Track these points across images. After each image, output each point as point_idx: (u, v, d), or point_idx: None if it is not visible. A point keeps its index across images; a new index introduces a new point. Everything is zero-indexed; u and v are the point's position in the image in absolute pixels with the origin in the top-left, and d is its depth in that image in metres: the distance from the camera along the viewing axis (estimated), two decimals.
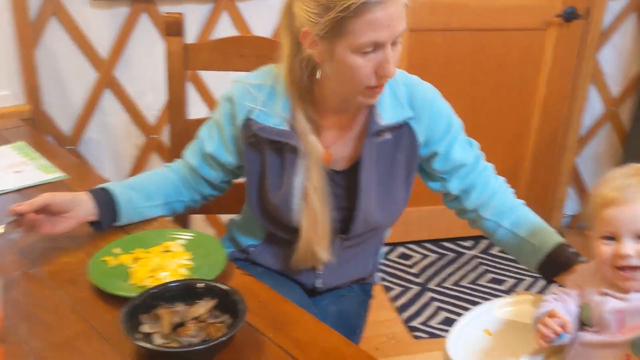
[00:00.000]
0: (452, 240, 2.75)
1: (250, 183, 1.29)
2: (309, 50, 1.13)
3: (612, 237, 1.00)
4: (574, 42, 2.52)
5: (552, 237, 1.24)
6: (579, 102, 2.61)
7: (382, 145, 1.24)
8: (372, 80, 1.12)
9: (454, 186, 1.31)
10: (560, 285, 1.14)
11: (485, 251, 2.69)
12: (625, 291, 1.00)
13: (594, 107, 2.66)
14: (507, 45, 2.47)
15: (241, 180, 1.38)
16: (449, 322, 2.22)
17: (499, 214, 1.30)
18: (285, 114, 1.21)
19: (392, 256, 2.62)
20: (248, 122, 1.23)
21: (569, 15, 2.43)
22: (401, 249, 2.68)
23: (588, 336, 1.03)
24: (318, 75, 1.18)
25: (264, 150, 1.24)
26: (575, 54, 2.54)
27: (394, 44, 1.10)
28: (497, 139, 2.60)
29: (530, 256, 1.25)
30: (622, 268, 0.98)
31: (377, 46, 1.08)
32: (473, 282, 2.47)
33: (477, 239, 2.75)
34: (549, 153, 2.70)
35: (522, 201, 1.33)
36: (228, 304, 1.01)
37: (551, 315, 1.00)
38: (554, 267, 1.20)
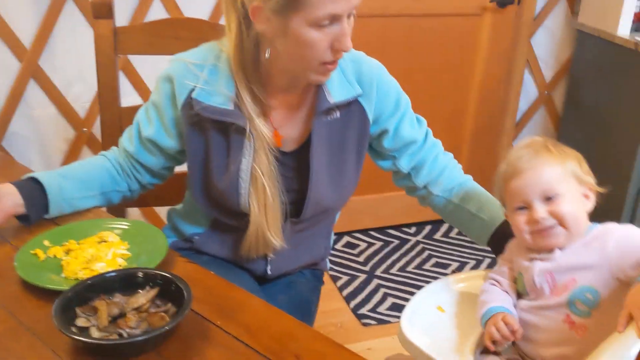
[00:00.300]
0: (396, 227, 2.75)
1: (194, 167, 1.22)
2: (259, 27, 1.08)
3: (524, 207, 1.04)
4: (508, 27, 2.56)
5: (500, 211, 1.24)
6: (515, 86, 2.66)
7: (331, 124, 1.20)
8: (327, 55, 1.08)
9: (404, 164, 1.29)
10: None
11: (428, 236, 2.70)
12: (549, 250, 1.03)
13: (528, 91, 2.71)
14: (443, 31, 2.48)
15: (181, 169, 1.31)
16: (396, 307, 2.21)
17: (448, 190, 1.29)
18: (230, 93, 1.15)
19: (338, 245, 2.60)
20: (190, 102, 1.16)
21: (503, 1, 2.47)
22: (347, 238, 2.66)
23: (526, 303, 1.05)
24: (268, 53, 1.12)
25: (208, 132, 1.18)
26: (510, 39, 2.58)
27: (349, 16, 1.06)
28: (435, 124, 2.55)
29: (480, 231, 1.25)
30: (539, 231, 1.02)
31: (334, 19, 1.04)
32: (418, 267, 2.47)
33: (420, 224, 2.77)
34: (487, 137, 2.74)
35: (469, 176, 1.32)
36: (171, 292, 0.95)
37: (504, 321, 1.02)
38: (503, 241, 1.20)
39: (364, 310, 2.21)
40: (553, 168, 1.02)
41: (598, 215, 1.06)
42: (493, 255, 1.24)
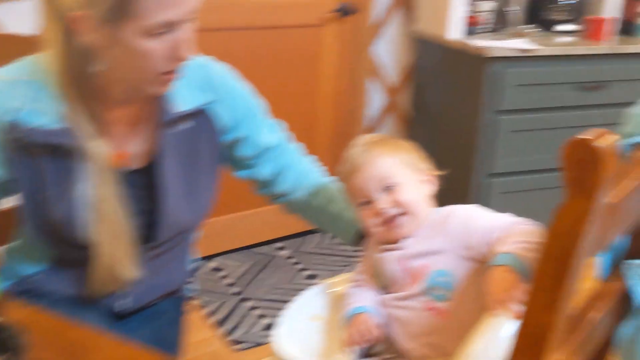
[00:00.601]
0: (264, 244, 2.69)
1: (26, 198, 1.07)
2: (86, 37, 0.96)
3: (367, 201, 1.05)
4: (350, 37, 2.62)
5: None
6: (361, 96, 2.72)
7: (181, 136, 1.12)
8: (165, 65, 0.99)
9: (264, 171, 1.24)
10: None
11: (298, 250, 2.67)
12: (397, 241, 1.04)
13: (376, 99, 2.79)
14: (287, 43, 2.48)
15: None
16: (272, 327, 2.13)
17: (313, 193, 1.26)
18: (58, 111, 1.02)
19: (204, 271, 2.48)
20: (12, 125, 1.02)
21: (343, 11, 2.53)
22: (212, 263, 2.55)
23: (390, 297, 1.05)
24: (99, 65, 1.00)
25: (38, 157, 1.03)
26: (353, 49, 2.64)
27: (188, 21, 0.98)
28: None
29: (347, 230, 1.23)
30: (385, 222, 1.03)
31: (170, 26, 0.95)
32: (291, 283, 2.43)
33: (288, 238, 2.73)
34: (341, 148, 2.74)
35: (333, 178, 1.30)
36: (2, 342, 0.81)
37: (360, 321, 1.02)
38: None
39: (237, 336, 2.12)
40: (387, 159, 1.04)
41: (448, 203, 1.08)
42: None
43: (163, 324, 1.25)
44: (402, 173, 1.04)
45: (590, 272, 0.89)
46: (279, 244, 2.70)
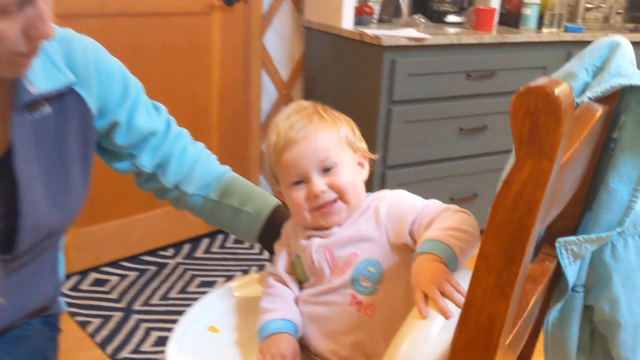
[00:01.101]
0: (151, 252, 2.47)
1: None
2: None
3: (300, 181, 0.92)
4: (239, 26, 2.47)
5: (267, 201, 1.10)
6: (255, 87, 2.58)
7: (41, 123, 0.93)
8: (20, 45, 0.81)
9: (145, 162, 1.07)
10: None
11: (189, 256, 2.48)
12: (328, 227, 0.93)
13: (268, 91, 2.66)
14: (172, 31, 2.29)
15: None
16: (163, 342, 1.94)
17: (205, 186, 1.11)
18: None
19: (84, 285, 2.23)
20: None
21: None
22: (94, 275, 2.29)
23: (308, 293, 0.92)
24: None
25: None
26: (242, 39, 2.50)
27: None
28: None
29: (248, 226, 1.09)
30: (320, 207, 0.91)
31: (25, 2, 0.78)
32: (182, 292, 2.23)
33: (177, 245, 2.53)
34: (234, 141, 2.62)
35: (227, 167, 1.16)
36: None
37: (279, 344, 0.88)
38: (274, 234, 1.05)
39: (124, 354, 1.90)
40: (328, 135, 0.92)
41: None
42: (263, 259, 1.09)
43: (32, 348, 1.05)
44: (343, 153, 0.92)
45: None
46: (168, 251, 2.50)
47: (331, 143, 0.91)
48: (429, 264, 0.77)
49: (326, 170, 0.91)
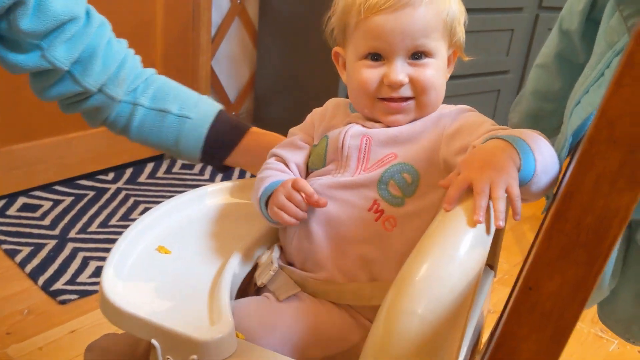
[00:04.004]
0: (88, 176, 2.24)
1: None
2: None
3: (379, 57, 0.73)
4: None
5: (210, 106, 0.91)
6: None
7: None
8: None
9: (61, 54, 0.85)
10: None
11: (131, 180, 2.26)
12: (384, 125, 0.75)
13: (220, 1, 2.40)
14: None
15: None
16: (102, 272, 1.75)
17: (133, 90, 0.90)
18: None
19: (12, 211, 1.99)
20: None
21: None
22: (23, 199, 2.06)
23: (320, 182, 0.74)
24: None
25: None
26: None
27: None
28: None
29: (190, 137, 0.90)
30: (389, 99, 0.73)
31: None
32: (124, 219, 2.03)
33: (119, 168, 2.31)
34: (182, 57, 2.37)
35: (153, 69, 0.95)
36: None
37: (295, 187, 0.71)
38: (222, 146, 0.87)
39: (59, 285, 1.70)
40: (439, 11, 0.72)
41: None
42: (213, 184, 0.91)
43: None
44: (441, 42, 0.74)
45: None
46: (109, 175, 2.27)
47: (437, 24, 0.72)
48: (497, 151, 0.59)
49: (416, 56, 0.73)
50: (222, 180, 2.21)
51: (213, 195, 0.89)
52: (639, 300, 0.81)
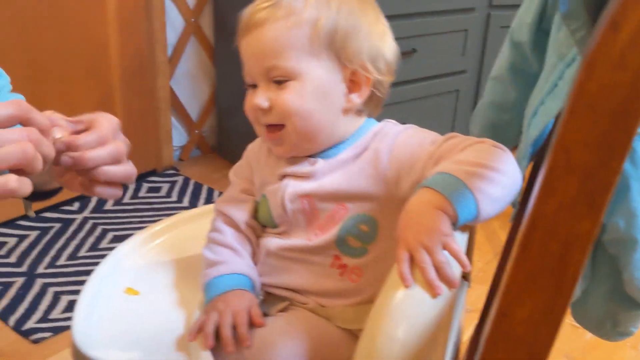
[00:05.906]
0: (53, 208, 2.19)
1: None
2: None
3: (253, 85, 0.70)
4: None
5: None
6: (159, 16, 2.29)
7: None
8: None
9: None
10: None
11: (97, 209, 2.22)
12: (302, 160, 0.71)
13: (174, 21, 2.38)
14: None
15: None
16: (74, 305, 1.71)
17: None
18: None
19: None
20: None
21: None
22: None
23: (277, 243, 0.71)
24: None
25: None
26: None
27: None
28: (74, 75, 2.10)
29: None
30: (266, 126, 0.70)
31: None
32: (93, 249, 1.99)
33: (83, 197, 2.26)
34: (140, 79, 2.34)
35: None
36: None
37: (236, 305, 0.66)
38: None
39: (31, 324, 1.66)
40: (296, 25, 0.65)
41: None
42: (183, 207, 0.89)
43: None
44: (311, 61, 0.66)
45: None
46: (74, 206, 2.23)
47: (294, 41, 0.65)
48: (425, 209, 0.56)
49: (277, 80, 0.67)
50: (190, 202, 2.19)
51: (186, 223, 0.87)
52: (610, 298, 0.83)
